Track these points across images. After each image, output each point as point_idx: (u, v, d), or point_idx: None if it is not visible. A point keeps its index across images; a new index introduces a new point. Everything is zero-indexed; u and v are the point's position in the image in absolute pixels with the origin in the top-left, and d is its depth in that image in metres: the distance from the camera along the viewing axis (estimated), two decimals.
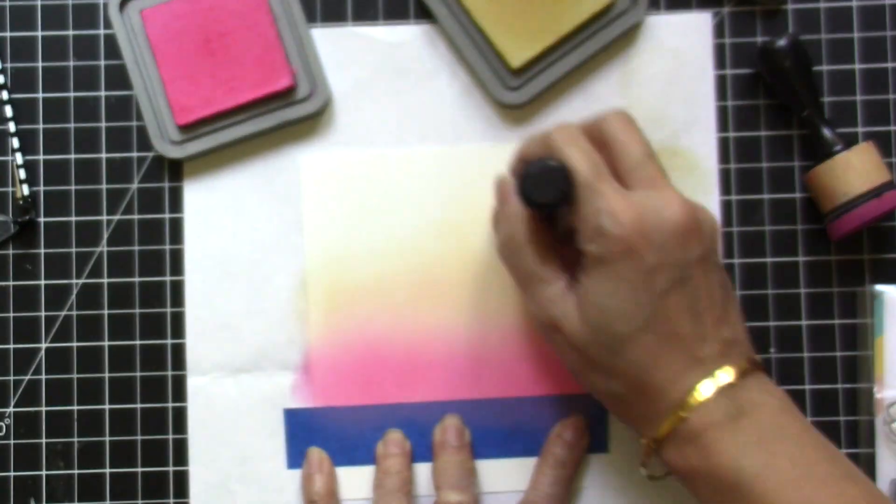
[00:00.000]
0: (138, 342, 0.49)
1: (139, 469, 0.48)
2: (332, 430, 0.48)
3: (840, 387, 0.48)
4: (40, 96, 0.49)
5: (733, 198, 0.49)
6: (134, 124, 0.49)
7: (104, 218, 0.49)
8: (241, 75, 0.48)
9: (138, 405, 0.49)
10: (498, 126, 0.49)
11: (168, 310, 0.49)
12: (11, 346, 0.49)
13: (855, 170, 0.46)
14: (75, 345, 0.49)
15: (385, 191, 0.49)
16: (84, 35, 0.49)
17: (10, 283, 0.49)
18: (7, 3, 0.50)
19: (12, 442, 0.48)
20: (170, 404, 0.49)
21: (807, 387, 0.48)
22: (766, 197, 0.49)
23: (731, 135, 0.49)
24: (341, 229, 0.49)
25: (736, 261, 0.48)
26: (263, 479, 0.48)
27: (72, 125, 0.49)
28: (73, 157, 0.49)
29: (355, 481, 0.48)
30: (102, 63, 0.49)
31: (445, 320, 0.48)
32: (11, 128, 0.49)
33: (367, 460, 0.48)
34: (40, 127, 0.49)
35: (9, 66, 0.49)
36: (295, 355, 0.48)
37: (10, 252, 0.49)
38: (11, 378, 0.49)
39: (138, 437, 0.48)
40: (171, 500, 0.48)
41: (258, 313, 0.49)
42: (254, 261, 0.49)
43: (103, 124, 0.49)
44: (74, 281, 0.49)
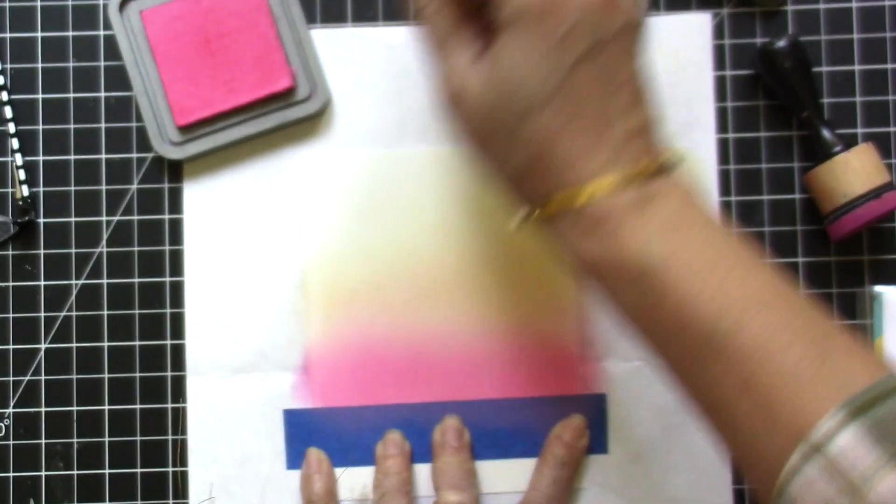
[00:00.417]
0: (138, 343, 0.49)
1: (139, 470, 0.48)
2: (331, 430, 0.48)
3: None
4: (40, 97, 0.49)
5: (733, 199, 0.49)
6: (133, 125, 0.49)
7: (104, 219, 0.49)
8: (240, 76, 0.48)
9: (138, 406, 0.49)
10: None
11: (168, 310, 0.49)
12: (11, 347, 0.49)
13: (854, 171, 0.46)
14: (75, 345, 0.49)
15: (384, 192, 0.49)
16: (84, 36, 0.49)
17: (10, 283, 0.49)
18: (7, 3, 0.50)
19: (12, 442, 0.48)
20: (169, 405, 0.49)
21: None
22: (765, 198, 0.49)
23: (730, 136, 0.49)
24: (341, 230, 0.49)
25: None
26: (263, 480, 0.48)
27: (71, 126, 0.49)
28: (72, 157, 0.49)
29: (355, 482, 0.48)
30: (102, 64, 0.49)
31: (445, 321, 0.48)
32: (11, 129, 0.49)
33: (367, 461, 0.48)
34: (40, 128, 0.49)
35: (9, 66, 0.49)
36: (294, 356, 0.48)
37: (10, 253, 0.49)
38: (11, 378, 0.49)
39: (138, 438, 0.48)
40: (170, 501, 0.48)
41: (258, 314, 0.49)
42: (253, 262, 0.49)
43: (103, 125, 0.49)
44: (74, 282, 0.49)
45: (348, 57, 0.49)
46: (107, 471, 0.48)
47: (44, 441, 0.48)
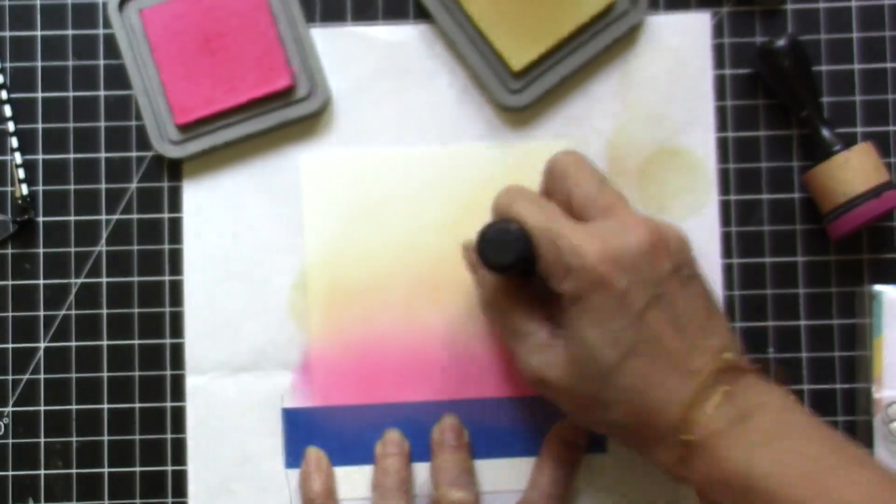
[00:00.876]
0: (137, 342, 0.49)
1: (138, 468, 0.48)
2: (330, 429, 0.48)
3: (838, 387, 0.48)
4: (39, 96, 0.49)
5: (732, 198, 0.49)
6: (133, 124, 0.49)
7: (103, 217, 0.49)
8: (240, 75, 0.48)
9: (137, 405, 0.48)
10: (497, 126, 0.49)
11: (167, 309, 0.49)
12: (10, 346, 0.49)
13: (854, 170, 0.46)
14: (74, 344, 0.49)
15: (384, 191, 0.49)
16: (83, 35, 0.49)
17: (9, 282, 0.49)
18: (6, 2, 0.50)
19: (11, 441, 0.48)
20: (168, 404, 0.48)
21: (805, 387, 0.48)
22: (764, 197, 0.49)
23: (729, 135, 0.49)
24: (341, 229, 0.49)
25: (735, 261, 0.48)
26: (262, 479, 0.48)
27: (71, 125, 0.49)
28: (72, 156, 0.49)
29: (354, 481, 0.48)
30: (101, 63, 0.49)
31: (445, 320, 0.48)
32: (10, 127, 0.49)
33: (366, 460, 0.48)
34: (39, 126, 0.49)
35: (8, 65, 0.49)
36: (294, 355, 0.48)
37: (9, 251, 0.49)
38: (10, 377, 0.49)
39: (137, 437, 0.48)
40: (169, 500, 0.48)
41: (257, 313, 0.49)
42: (253, 260, 0.49)
43: (102, 124, 0.49)
44: (73, 280, 0.49)
45: (348, 56, 0.49)
46: (106, 469, 0.48)
47: (43, 440, 0.48)
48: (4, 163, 0.49)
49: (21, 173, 0.49)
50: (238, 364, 0.49)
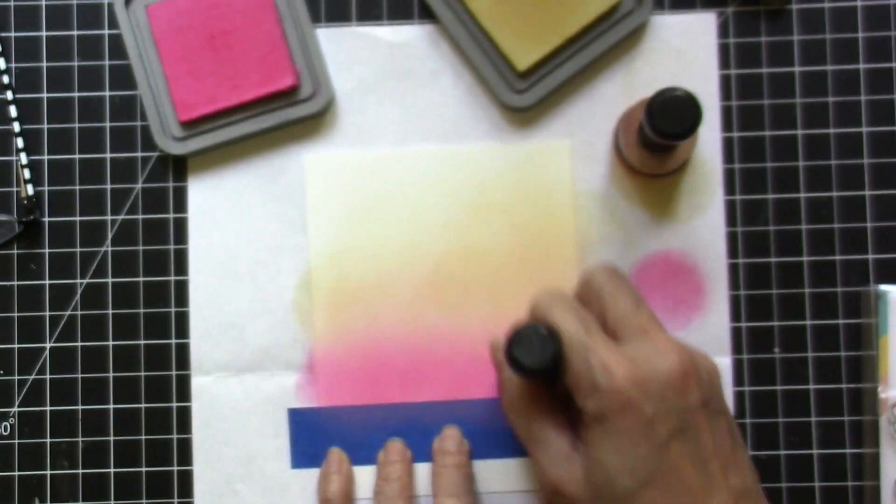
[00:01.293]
0: (142, 342, 0.49)
1: (143, 469, 0.48)
2: (336, 429, 0.48)
3: (844, 386, 0.48)
4: (45, 96, 0.49)
5: (737, 198, 0.49)
6: (138, 124, 0.49)
7: (108, 218, 0.49)
8: (244, 73, 0.48)
9: (142, 405, 0.49)
10: (501, 126, 0.49)
11: (172, 309, 0.49)
12: (16, 346, 0.49)
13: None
14: (79, 344, 0.49)
15: (389, 191, 0.49)
16: (89, 35, 0.49)
17: (15, 282, 0.49)
18: (11, 3, 0.50)
19: (17, 441, 0.48)
20: (174, 404, 0.49)
21: (811, 386, 0.48)
22: (770, 197, 0.49)
23: (735, 135, 0.49)
24: (345, 229, 0.49)
25: (740, 261, 0.48)
26: (268, 479, 0.48)
27: (76, 125, 0.49)
28: (77, 156, 0.49)
29: (359, 481, 0.48)
30: (107, 63, 0.49)
31: (449, 320, 0.48)
32: (16, 128, 0.49)
33: (371, 460, 0.48)
34: (45, 127, 0.49)
35: (13, 65, 0.49)
36: (299, 355, 0.48)
37: (15, 252, 0.49)
38: (16, 378, 0.49)
39: (142, 437, 0.48)
40: (175, 500, 0.48)
41: (262, 313, 0.49)
42: (258, 260, 0.49)
43: (108, 124, 0.49)
44: (79, 281, 0.49)
45: (352, 56, 0.49)
46: (112, 470, 0.48)
47: (49, 440, 0.48)
48: (10, 163, 0.49)
49: (27, 174, 0.49)
50: (243, 364, 0.49)
